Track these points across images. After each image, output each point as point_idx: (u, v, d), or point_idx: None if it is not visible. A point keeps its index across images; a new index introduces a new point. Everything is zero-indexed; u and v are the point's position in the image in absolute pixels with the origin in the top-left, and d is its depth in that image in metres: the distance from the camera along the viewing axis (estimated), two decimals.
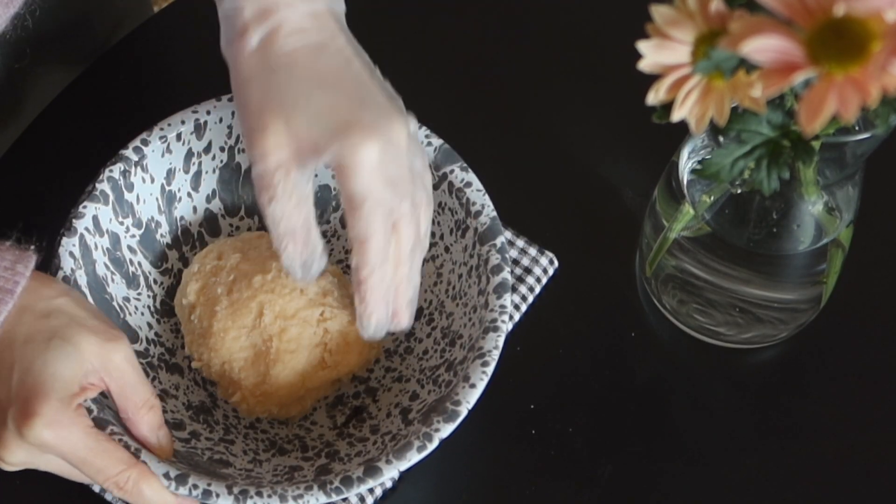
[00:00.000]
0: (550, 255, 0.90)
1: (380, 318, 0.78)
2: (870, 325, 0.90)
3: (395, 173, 0.75)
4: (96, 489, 0.83)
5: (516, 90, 0.98)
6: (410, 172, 0.76)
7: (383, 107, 0.75)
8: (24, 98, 0.98)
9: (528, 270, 0.90)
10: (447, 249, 0.86)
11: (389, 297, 0.77)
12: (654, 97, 0.63)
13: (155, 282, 0.87)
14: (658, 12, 0.62)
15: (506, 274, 0.82)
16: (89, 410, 0.77)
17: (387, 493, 0.84)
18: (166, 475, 0.76)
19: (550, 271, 0.90)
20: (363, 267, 0.76)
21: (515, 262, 0.89)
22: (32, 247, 0.77)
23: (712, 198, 0.81)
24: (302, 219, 0.76)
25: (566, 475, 0.85)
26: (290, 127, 0.74)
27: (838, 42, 0.56)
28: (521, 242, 0.90)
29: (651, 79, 0.63)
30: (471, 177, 0.85)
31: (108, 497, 0.83)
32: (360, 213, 0.74)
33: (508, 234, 0.90)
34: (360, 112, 0.74)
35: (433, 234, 0.87)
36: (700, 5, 0.62)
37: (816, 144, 0.69)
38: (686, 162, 0.82)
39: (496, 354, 0.80)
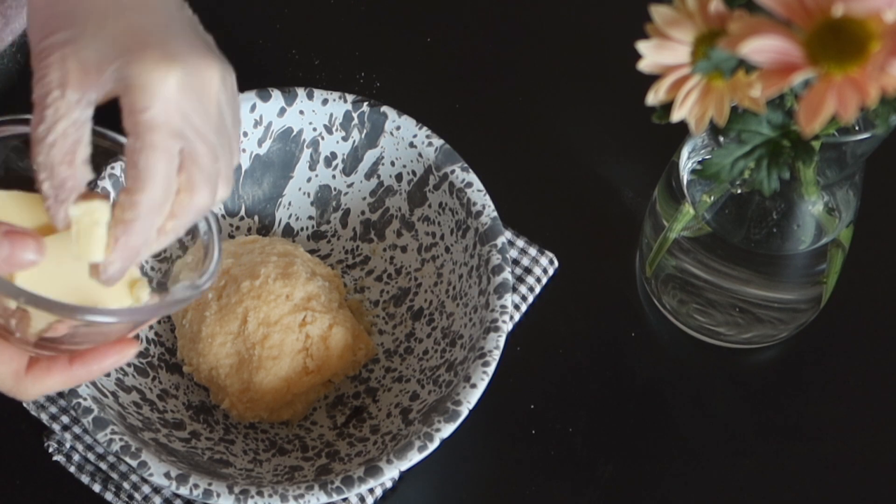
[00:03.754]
0: (550, 255, 0.90)
1: (122, 268, 0.66)
2: (870, 325, 0.90)
3: (197, 117, 0.65)
4: (96, 489, 0.83)
5: (517, 91, 0.98)
6: (220, 125, 0.66)
7: (194, 43, 0.66)
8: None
9: (528, 270, 0.89)
10: (448, 249, 0.86)
11: (144, 249, 0.66)
12: (654, 97, 0.63)
13: None
14: (658, 13, 0.62)
15: (506, 274, 0.82)
16: (88, 410, 0.77)
17: (386, 493, 0.84)
18: (167, 475, 0.76)
19: (550, 271, 0.90)
20: (130, 209, 0.64)
21: (515, 262, 0.89)
22: None
23: (712, 198, 0.81)
24: (67, 146, 0.65)
25: (566, 475, 0.85)
26: (76, 51, 0.65)
27: (837, 42, 0.56)
28: (521, 242, 0.90)
29: (651, 79, 0.63)
30: (472, 177, 0.85)
31: (107, 497, 0.83)
32: (144, 143, 0.64)
33: (508, 234, 0.90)
34: (164, 39, 0.65)
35: (433, 234, 0.87)
36: (699, 6, 0.62)
37: (816, 144, 0.69)
38: (686, 162, 0.82)
39: (497, 354, 0.80)
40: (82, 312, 0.65)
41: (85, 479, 0.83)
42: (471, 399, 0.78)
